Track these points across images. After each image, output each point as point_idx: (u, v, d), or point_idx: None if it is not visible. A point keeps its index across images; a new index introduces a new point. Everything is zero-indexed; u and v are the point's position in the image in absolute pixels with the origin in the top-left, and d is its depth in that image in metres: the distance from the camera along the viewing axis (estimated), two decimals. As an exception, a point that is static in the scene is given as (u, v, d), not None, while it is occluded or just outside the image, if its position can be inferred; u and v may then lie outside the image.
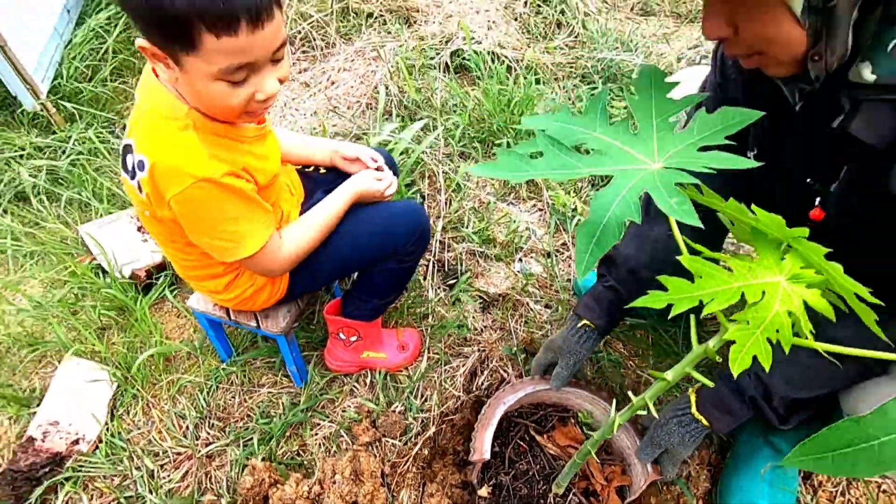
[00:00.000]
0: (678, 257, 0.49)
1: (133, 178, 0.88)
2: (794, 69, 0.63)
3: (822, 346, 0.50)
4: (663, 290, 0.48)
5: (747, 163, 0.46)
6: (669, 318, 0.52)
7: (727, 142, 0.49)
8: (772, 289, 0.50)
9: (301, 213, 1.11)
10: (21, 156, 1.83)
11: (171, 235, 0.98)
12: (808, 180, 0.75)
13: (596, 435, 0.91)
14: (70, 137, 1.84)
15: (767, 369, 0.48)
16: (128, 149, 0.88)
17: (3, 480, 1.14)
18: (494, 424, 1.15)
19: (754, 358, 0.49)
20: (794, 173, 0.77)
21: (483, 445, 1.12)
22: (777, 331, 0.49)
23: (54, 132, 1.92)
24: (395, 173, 1.33)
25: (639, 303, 0.48)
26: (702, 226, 0.44)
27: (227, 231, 0.91)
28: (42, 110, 1.88)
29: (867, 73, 0.58)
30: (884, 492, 1.10)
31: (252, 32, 0.73)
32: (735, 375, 0.48)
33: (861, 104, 0.61)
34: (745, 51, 0.64)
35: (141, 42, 0.76)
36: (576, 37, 2.32)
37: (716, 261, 0.52)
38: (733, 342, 0.51)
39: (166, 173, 0.84)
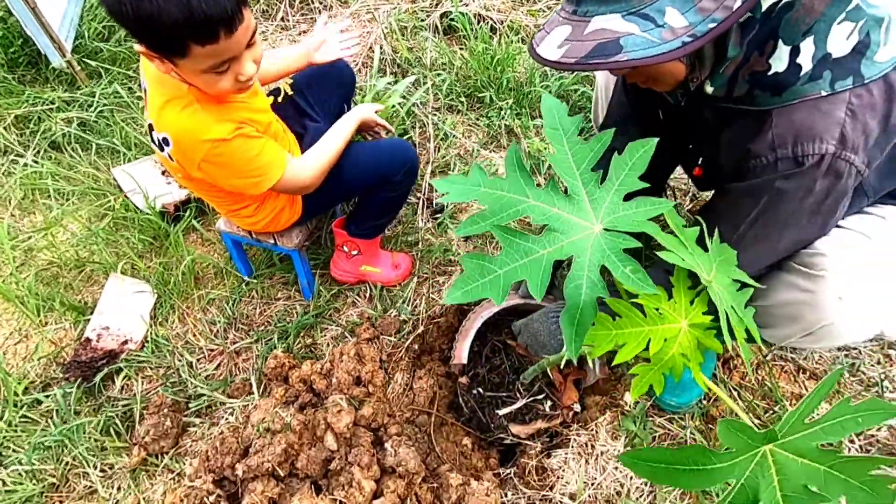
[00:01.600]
0: (605, 299, 0.57)
1: (162, 150, 1.08)
2: (675, 88, 0.91)
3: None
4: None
5: (662, 237, 0.59)
6: (612, 365, 0.63)
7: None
8: (673, 335, 0.61)
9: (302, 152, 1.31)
10: (51, 109, 2.03)
11: (204, 187, 1.19)
12: (690, 146, 1.11)
13: (552, 358, 1.14)
14: (95, 92, 2.03)
15: (659, 394, 0.62)
16: (151, 128, 1.07)
17: (71, 368, 1.39)
18: (472, 336, 1.39)
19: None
20: (683, 142, 1.13)
21: (461, 353, 1.37)
22: (671, 368, 0.61)
23: (79, 87, 2.10)
24: (353, 80, 1.56)
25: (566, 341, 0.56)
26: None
27: (252, 169, 1.10)
28: (68, 67, 2.07)
29: (709, 88, 0.87)
30: (785, 371, 1.37)
31: (228, 37, 0.89)
32: (633, 400, 0.64)
33: (710, 106, 0.94)
34: (642, 81, 0.92)
35: (138, 47, 0.90)
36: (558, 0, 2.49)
37: (640, 305, 0.61)
38: (635, 375, 0.63)
39: (187, 145, 1.02)
